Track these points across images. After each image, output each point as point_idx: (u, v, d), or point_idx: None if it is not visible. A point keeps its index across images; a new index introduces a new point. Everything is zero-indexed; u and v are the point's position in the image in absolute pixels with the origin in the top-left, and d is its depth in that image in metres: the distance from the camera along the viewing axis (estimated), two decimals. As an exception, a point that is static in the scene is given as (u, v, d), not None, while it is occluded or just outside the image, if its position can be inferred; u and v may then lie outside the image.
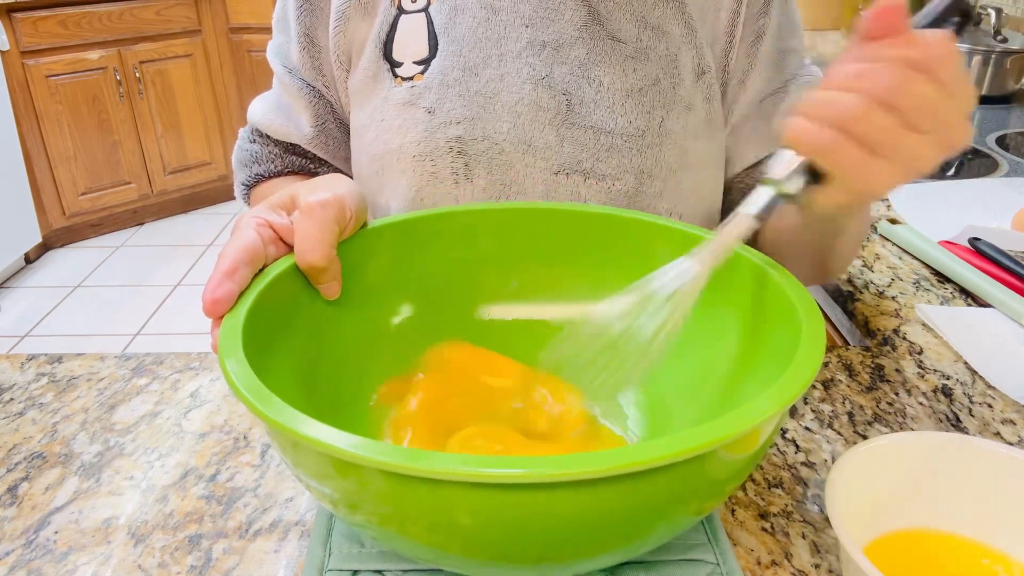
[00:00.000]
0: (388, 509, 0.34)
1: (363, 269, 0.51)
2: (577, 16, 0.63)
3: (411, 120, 0.63)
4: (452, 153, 0.62)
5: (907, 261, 0.84)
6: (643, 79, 0.63)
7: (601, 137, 0.62)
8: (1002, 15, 1.52)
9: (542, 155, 0.62)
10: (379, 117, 0.65)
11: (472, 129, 0.62)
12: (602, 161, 0.63)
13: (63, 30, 2.70)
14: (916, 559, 0.43)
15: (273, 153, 0.73)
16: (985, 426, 0.57)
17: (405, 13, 0.64)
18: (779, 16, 0.67)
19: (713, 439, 0.32)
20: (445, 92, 0.62)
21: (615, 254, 0.54)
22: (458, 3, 0.63)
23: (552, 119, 0.62)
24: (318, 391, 0.46)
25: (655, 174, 0.63)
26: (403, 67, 0.64)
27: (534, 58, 0.62)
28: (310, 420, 0.33)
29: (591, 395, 0.50)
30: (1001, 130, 1.39)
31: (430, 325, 0.54)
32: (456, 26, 0.63)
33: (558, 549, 0.35)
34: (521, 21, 0.63)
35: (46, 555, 0.45)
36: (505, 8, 0.63)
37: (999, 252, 0.81)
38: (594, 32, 0.63)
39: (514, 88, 0.62)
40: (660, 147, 0.63)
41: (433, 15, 0.64)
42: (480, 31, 0.63)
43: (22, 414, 0.58)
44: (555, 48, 0.62)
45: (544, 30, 0.63)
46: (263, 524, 0.48)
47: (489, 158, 0.62)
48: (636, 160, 0.63)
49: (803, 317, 0.41)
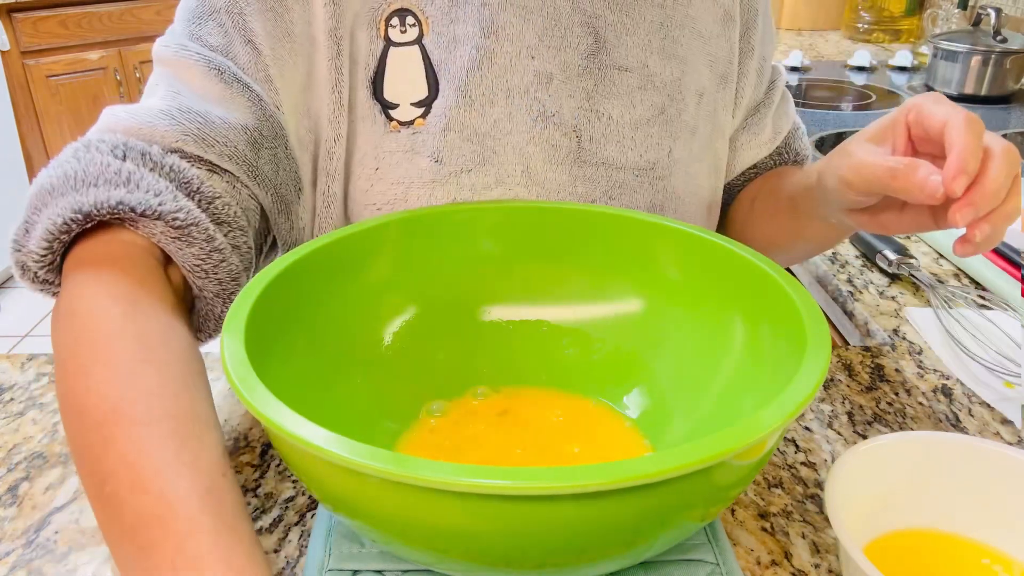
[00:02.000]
0: (388, 515, 0.34)
1: (365, 267, 0.51)
2: (583, 44, 0.59)
3: (415, 171, 0.57)
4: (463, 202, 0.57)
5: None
6: (650, 109, 0.61)
7: (613, 173, 0.61)
8: (1002, 15, 1.52)
9: (555, 197, 0.59)
10: (372, 166, 0.57)
11: (484, 176, 0.58)
12: (614, 199, 0.61)
13: (63, 30, 2.70)
14: (916, 559, 0.43)
15: (167, 184, 0.48)
16: (985, 426, 0.57)
17: (395, 46, 0.56)
18: (763, 25, 0.68)
19: (721, 451, 0.32)
20: (451, 137, 0.57)
21: (616, 254, 0.54)
22: (457, 33, 0.57)
23: (564, 158, 0.59)
24: (319, 391, 0.46)
25: (666, 207, 0.63)
26: (399, 110, 0.57)
27: (542, 92, 0.58)
28: (310, 424, 0.33)
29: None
30: (1001, 130, 1.39)
31: (431, 326, 0.54)
32: (455, 59, 0.57)
33: (560, 556, 0.35)
34: (527, 51, 0.58)
35: (46, 555, 0.45)
36: (509, 37, 0.57)
37: (1016, 252, 0.82)
38: (601, 62, 0.60)
39: (523, 127, 0.58)
40: (670, 177, 0.63)
41: (429, 48, 0.57)
42: (484, 65, 0.57)
43: (22, 414, 0.58)
44: (563, 80, 0.59)
45: (550, 60, 0.58)
46: (263, 524, 0.48)
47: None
48: (647, 195, 0.62)
49: (808, 323, 0.41)
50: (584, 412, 0.52)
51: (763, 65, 0.70)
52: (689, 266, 0.51)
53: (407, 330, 0.53)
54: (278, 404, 0.34)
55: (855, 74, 1.81)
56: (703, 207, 0.67)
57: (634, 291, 0.54)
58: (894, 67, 1.85)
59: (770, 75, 0.72)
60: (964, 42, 1.56)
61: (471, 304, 0.55)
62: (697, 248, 0.51)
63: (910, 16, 2.18)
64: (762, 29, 0.68)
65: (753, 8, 0.67)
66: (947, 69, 1.59)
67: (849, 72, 1.82)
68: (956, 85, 1.58)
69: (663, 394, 0.51)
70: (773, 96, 0.72)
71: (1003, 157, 0.43)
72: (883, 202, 0.50)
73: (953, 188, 0.42)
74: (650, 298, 0.53)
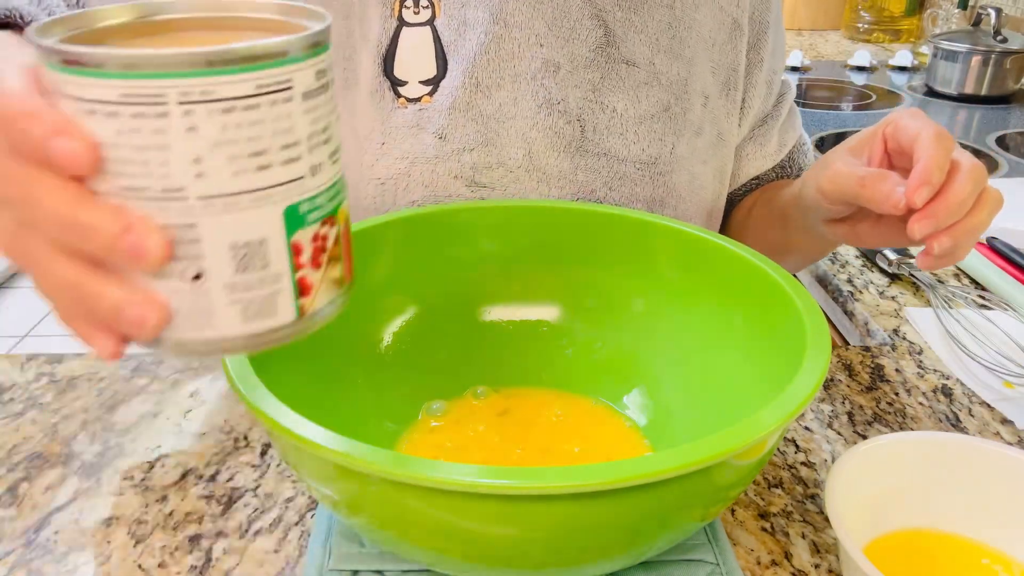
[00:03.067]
0: (388, 515, 0.34)
1: (365, 267, 0.51)
2: (592, 37, 0.60)
3: (419, 146, 0.58)
4: (464, 180, 0.59)
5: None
6: (655, 105, 0.62)
7: (614, 165, 0.61)
8: (1002, 15, 1.52)
9: (556, 183, 0.60)
10: (379, 140, 0.59)
11: (486, 156, 0.59)
12: (614, 190, 0.61)
13: (63, 30, 2.70)
14: (916, 559, 0.43)
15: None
16: (985, 426, 0.57)
17: (408, 26, 0.58)
18: (773, 38, 0.68)
19: (721, 451, 0.32)
20: (456, 116, 0.58)
21: (616, 254, 0.54)
22: (468, 17, 0.58)
23: (567, 146, 0.60)
24: (319, 391, 0.46)
25: (666, 202, 0.63)
26: (408, 87, 0.58)
27: (549, 80, 0.59)
28: (310, 423, 0.33)
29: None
30: (1001, 130, 1.39)
31: (431, 326, 0.54)
32: (466, 42, 0.58)
33: (560, 556, 0.35)
34: (536, 39, 0.59)
35: (46, 555, 0.45)
36: (519, 24, 0.58)
37: (1016, 252, 0.82)
38: (609, 55, 0.60)
39: (528, 113, 0.59)
40: (671, 174, 0.63)
41: (440, 30, 0.59)
42: (492, 49, 0.58)
43: (22, 414, 0.58)
44: (570, 70, 0.60)
45: (559, 50, 0.59)
46: (263, 524, 0.48)
47: (504, 186, 0.59)
48: (648, 189, 0.62)
49: (808, 323, 0.41)
50: (584, 412, 0.52)
51: (773, 78, 0.70)
52: (689, 266, 0.51)
53: (407, 330, 0.53)
54: (278, 404, 0.34)
55: (855, 74, 1.81)
56: (704, 210, 0.67)
57: (634, 291, 0.54)
58: (894, 67, 1.85)
59: (780, 88, 0.72)
60: (964, 42, 1.56)
61: (471, 304, 0.55)
62: (697, 248, 0.51)
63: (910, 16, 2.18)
64: (773, 42, 0.69)
65: (764, 20, 0.67)
66: (947, 69, 1.59)
67: (849, 72, 1.82)
68: (956, 85, 1.58)
69: (663, 394, 0.51)
70: (781, 109, 0.72)
71: (969, 172, 0.43)
72: (859, 213, 0.52)
73: (914, 199, 0.42)
74: (650, 298, 0.53)
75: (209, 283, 0.28)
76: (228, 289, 0.28)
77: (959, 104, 1.57)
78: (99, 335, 0.30)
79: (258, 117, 0.27)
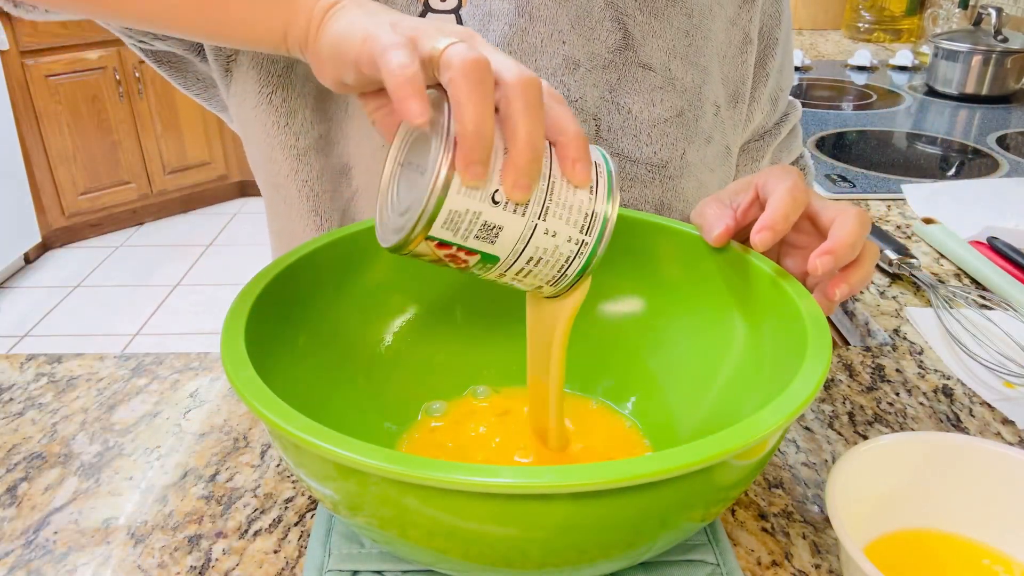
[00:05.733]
0: (388, 515, 0.34)
1: (365, 267, 0.51)
2: (612, 38, 0.61)
3: None
4: None
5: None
6: (669, 109, 0.63)
7: (626, 166, 0.62)
8: (1002, 15, 1.52)
9: None
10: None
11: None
12: (624, 190, 0.63)
13: (62, 30, 2.70)
14: (916, 559, 0.43)
15: None
16: (985, 426, 0.57)
17: (432, 12, 0.59)
18: (781, 56, 0.69)
19: (721, 451, 0.32)
20: None
21: (617, 253, 0.54)
22: (493, 8, 0.59)
23: None
24: (319, 391, 0.46)
25: (674, 206, 0.64)
26: None
27: (568, 77, 0.60)
28: (311, 422, 0.33)
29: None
30: (1001, 130, 1.39)
31: (431, 326, 0.54)
32: (489, 33, 0.59)
33: (560, 556, 0.35)
34: (559, 36, 0.59)
35: (46, 555, 0.45)
36: (542, 18, 0.59)
37: (1015, 251, 0.82)
38: (627, 58, 0.61)
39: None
40: (680, 178, 0.64)
41: (465, 19, 0.59)
42: (516, 41, 0.59)
43: (22, 414, 0.58)
44: (589, 69, 0.60)
45: (580, 48, 0.60)
46: (263, 524, 0.47)
47: None
48: (657, 192, 0.63)
49: (809, 323, 0.41)
50: (584, 412, 0.52)
51: (779, 95, 0.71)
52: (690, 266, 0.51)
53: (407, 330, 0.53)
54: (278, 403, 0.34)
55: (856, 74, 1.81)
56: None
57: (634, 291, 0.54)
58: (895, 67, 1.85)
59: (785, 108, 0.73)
60: (965, 42, 1.56)
61: (471, 304, 0.55)
62: (698, 248, 0.51)
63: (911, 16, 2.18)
64: (780, 60, 0.69)
65: (772, 36, 0.68)
66: (948, 69, 1.59)
67: (850, 72, 1.82)
68: (956, 85, 1.58)
69: (663, 394, 0.51)
70: (782, 128, 0.73)
71: (790, 201, 0.45)
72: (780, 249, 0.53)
73: (754, 239, 0.45)
74: (650, 298, 0.53)
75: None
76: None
77: (960, 104, 1.57)
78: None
79: None
